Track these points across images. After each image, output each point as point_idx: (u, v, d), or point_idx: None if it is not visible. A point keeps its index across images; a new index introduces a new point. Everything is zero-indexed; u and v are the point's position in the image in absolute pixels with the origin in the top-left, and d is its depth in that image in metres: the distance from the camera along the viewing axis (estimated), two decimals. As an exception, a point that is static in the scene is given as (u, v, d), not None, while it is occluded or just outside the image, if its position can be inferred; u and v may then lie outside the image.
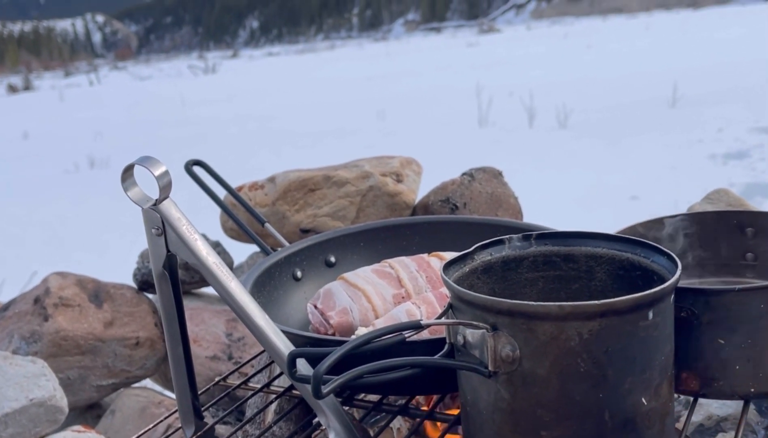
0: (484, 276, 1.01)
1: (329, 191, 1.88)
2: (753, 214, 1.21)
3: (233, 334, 2.03)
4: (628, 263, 0.98)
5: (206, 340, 1.99)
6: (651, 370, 0.85)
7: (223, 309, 2.08)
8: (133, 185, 0.98)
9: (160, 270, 1.00)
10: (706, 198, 1.53)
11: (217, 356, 1.98)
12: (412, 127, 8.89)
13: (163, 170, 0.95)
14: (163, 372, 2.10)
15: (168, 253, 0.99)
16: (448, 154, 6.77)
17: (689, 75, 10.27)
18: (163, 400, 1.97)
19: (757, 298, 0.96)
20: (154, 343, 1.98)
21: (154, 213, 0.97)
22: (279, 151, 8.06)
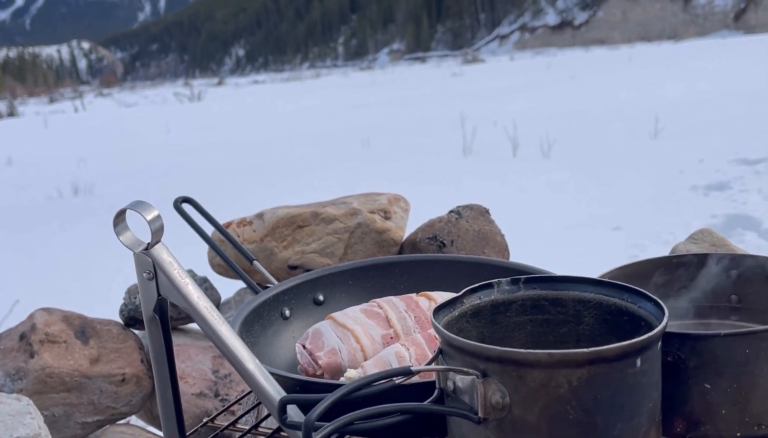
0: (473, 320, 1.02)
1: (317, 228, 1.89)
2: (738, 257, 1.23)
3: (220, 370, 2.02)
4: (615, 308, 0.99)
5: (192, 376, 1.98)
6: (639, 417, 0.86)
7: (210, 345, 2.07)
8: (125, 230, 0.98)
9: (150, 314, 1.01)
10: (690, 238, 1.55)
11: (204, 393, 1.98)
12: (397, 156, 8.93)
13: (155, 215, 0.96)
14: (149, 408, 2.08)
15: (159, 297, 0.99)
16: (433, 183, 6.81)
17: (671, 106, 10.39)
18: (149, 437, 1.96)
19: (742, 343, 0.97)
20: (141, 380, 1.97)
21: (146, 257, 0.97)
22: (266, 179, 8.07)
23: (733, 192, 6.17)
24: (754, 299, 1.21)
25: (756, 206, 5.72)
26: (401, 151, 9.24)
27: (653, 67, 16.59)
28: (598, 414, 0.84)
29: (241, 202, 2.60)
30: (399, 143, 9.92)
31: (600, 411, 0.84)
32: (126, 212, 0.97)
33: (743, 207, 5.74)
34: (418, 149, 9.30)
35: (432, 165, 8.20)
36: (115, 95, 22.22)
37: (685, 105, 10.59)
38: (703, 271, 1.24)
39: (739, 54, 18.30)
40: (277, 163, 9.21)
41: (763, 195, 6.00)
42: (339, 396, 0.83)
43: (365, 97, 15.83)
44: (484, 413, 0.85)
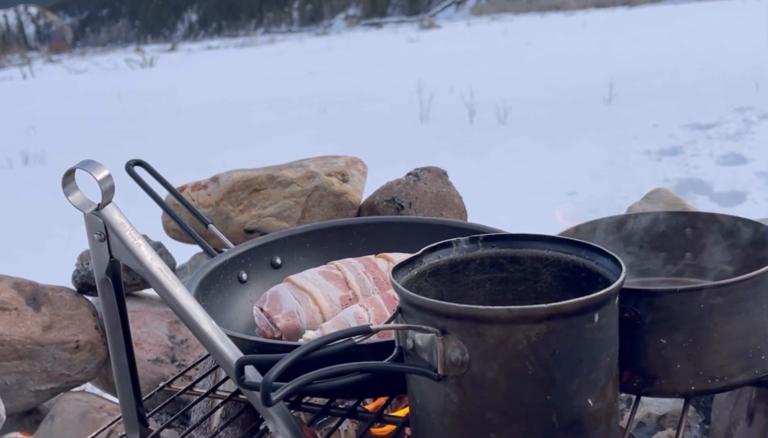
0: (432, 279, 1.02)
1: (274, 191, 1.86)
2: (692, 215, 1.25)
3: (176, 336, 2.00)
4: (573, 265, 1.00)
5: (148, 342, 1.96)
6: (597, 372, 0.87)
7: (166, 311, 2.05)
8: (75, 190, 0.95)
9: (103, 276, 0.98)
10: (645, 198, 1.56)
11: (160, 359, 1.95)
12: (354, 122, 8.88)
13: (105, 174, 0.93)
14: (104, 375, 2.06)
15: (111, 259, 0.97)
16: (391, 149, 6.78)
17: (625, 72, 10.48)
18: (105, 404, 1.93)
19: (697, 298, 0.98)
20: (95, 347, 1.94)
21: (97, 218, 0.95)
22: (220, 146, 7.97)
23: (685, 156, 6.27)
24: (709, 256, 1.22)
25: (707, 170, 5.82)
26: (358, 118, 9.19)
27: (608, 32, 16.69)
28: (557, 369, 0.84)
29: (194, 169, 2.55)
30: (356, 110, 9.86)
31: (558, 366, 0.84)
32: (75, 172, 0.94)
33: (695, 171, 5.84)
34: (375, 116, 9.26)
35: (389, 131, 8.17)
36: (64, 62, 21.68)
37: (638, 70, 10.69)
38: (659, 229, 1.25)
39: (691, 20, 18.50)
40: (232, 130, 9.10)
41: (714, 159, 6.11)
42: (297, 356, 0.82)
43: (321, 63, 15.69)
44: (444, 370, 0.85)
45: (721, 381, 1.01)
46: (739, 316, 0.99)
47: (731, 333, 0.99)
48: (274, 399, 0.79)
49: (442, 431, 0.89)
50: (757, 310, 1.00)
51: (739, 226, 1.18)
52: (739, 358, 1.01)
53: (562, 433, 0.86)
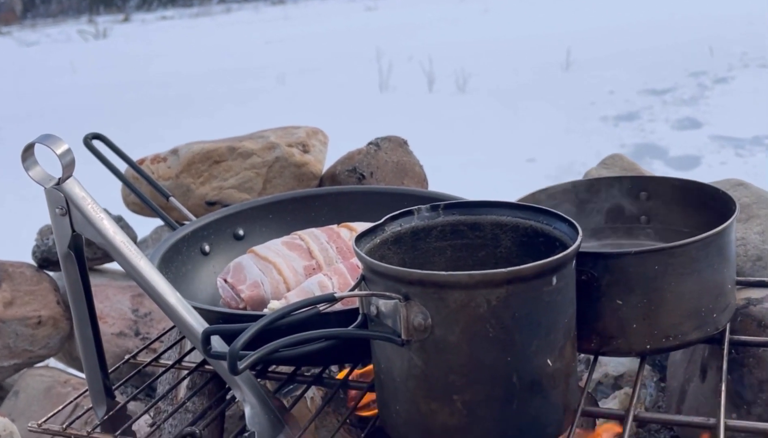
0: (394, 246, 1.03)
1: (234, 163, 1.86)
2: (646, 179, 1.28)
3: (139, 309, 1.99)
4: (531, 230, 1.02)
5: (112, 316, 1.95)
6: (555, 333, 0.89)
7: (128, 285, 2.04)
8: (34, 164, 0.95)
9: (65, 250, 0.98)
10: (602, 163, 1.59)
11: (124, 333, 1.95)
12: (313, 92, 8.82)
13: (65, 148, 0.93)
14: (68, 350, 2.05)
15: (73, 233, 0.97)
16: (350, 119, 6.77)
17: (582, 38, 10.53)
18: (69, 379, 1.93)
19: (651, 260, 1.01)
20: (57, 322, 1.93)
21: (58, 193, 0.95)
22: (177, 118, 7.87)
23: (641, 122, 6.34)
24: (663, 219, 1.26)
25: (663, 135, 5.90)
26: (317, 88, 9.13)
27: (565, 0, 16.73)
28: (516, 331, 0.86)
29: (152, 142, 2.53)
30: (315, 79, 9.79)
31: (518, 328, 0.86)
32: (35, 147, 0.94)
33: (651, 136, 5.91)
34: (334, 85, 9.21)
35: (349, 101, 8.14)
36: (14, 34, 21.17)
37: (595, 37, 10.75)
38: (614, 194, 1.28)
39: (647, -14, 18.62)
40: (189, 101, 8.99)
41: (669, 124, 6.19)
42: (263, 324, 0.83)
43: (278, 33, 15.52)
44: (407, 335, 0.87)
45: (675, 339, 1.05)
46: (691, 276, 1.02)
47: (684, 293, 1.02)
48: (240, 367, 0.80)
49: (406, 394, 0.91)
50: (708, 271, 1.04)
51: (692, 188, 1.22)
52: (691, 317, 1.04)
53: (523, 393, 0.88)
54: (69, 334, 1.96)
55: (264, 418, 1.00)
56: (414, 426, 0.93)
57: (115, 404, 1.10)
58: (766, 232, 1.35)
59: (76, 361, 2.06)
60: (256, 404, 1.00)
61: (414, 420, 0.92)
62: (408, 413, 0.92)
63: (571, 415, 0.95)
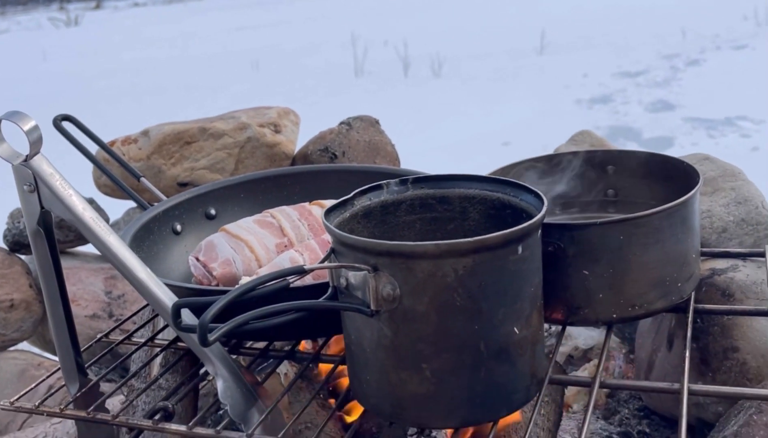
0: (364, 220, 1.04)
1: (206, 143, 1.86)
2: (613, 153, 1.29)
3: (113, 291, 1.99)
4: (498, 203, 1.03)
5: (84, 298, 1.95)
6: (522, 301, 0.91)
7: (101, 267, 2.03)
8: (1, 141, 0.95)
9: (34, 227, 0.98)
10: (571, 140, 1.61)
11: (97, 315, 1.95)
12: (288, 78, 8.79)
13: (32, 125, 0.93)
14: (41, 334, 2.04)
15: (42, 209, 0.97)
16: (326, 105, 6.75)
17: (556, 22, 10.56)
18: (43, 362, 1.92)
19: (616, 231, 1.03)
20: (30, 305, 1.92)
21: (26, 169, 0.95)
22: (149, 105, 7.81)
23: (615, 104, 6.38)
24: (629, 192, 1.28)
25: (637, 117, 5.95)
26: (292, 74, 9.09)
27: (539, -16, 16.76)
28: (483, 300, 0.88)
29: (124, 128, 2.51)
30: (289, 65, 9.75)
31: (485, 297, 0.88)
32: (1, 124, 0.94)
33: (625, 118, 5.96)
34: (309, 71, 9.17)
35: (324, 87, 8.11)
36: (-17, 21, 20.85)
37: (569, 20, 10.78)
38: (582, 168, 1.30)
39: (621, -30, 18.68)
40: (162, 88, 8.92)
41: (643, 106, 6.24)
42: (234, 296, 0.84)
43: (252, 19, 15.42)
44: (376, 306, 0.88)
45: (641, 308, 1.07)
46: (655, 246, 1.04)
47: (649, 263, 1.04)
48: (211, 339, 0.81)
49: (376, 364, 0.93)
50: (672, 241, 1.06)
51: (657, 161, 1.24)
52: (656, 286, 1.06)
53: (490, 360, 0.90)
54: (42, 317, 1.95)
55: (236, 392, 1.01)
56: (384, 395, 0.94)
57: (88, 381, 1.10)
58: (731, 205, 1.37)
59: (50, 344, 2.06)
60: (229, 378, 1.01)
61: (384, 389, 0.93)
62: (378, 383, 0.94)
63: (538, 382, 0.97)
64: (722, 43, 8.07)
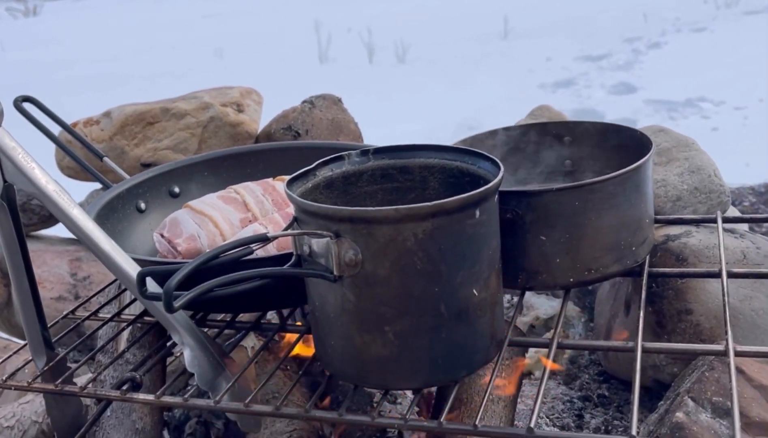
0: (326, 191, 1.06)
1: (168, 124, 1.86)
2: (569, 124, 1.32)
3: (78, 273, 1.99)
4: (457, 171, 1.06)
5: (50, 281, 1.94)
6: (480, 264, 0.93)
7: (66, 249, 2.03)
8: (-38, 115, 0.95)
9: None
10: (530, 114, 1.64)
11: (63, 297, 1.94)
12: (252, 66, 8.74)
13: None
14: (6, 317, 2.03)
15: (5, 183, 0.98)
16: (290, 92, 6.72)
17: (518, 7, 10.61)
18: (9, 345, 1.91)
19: (572, 197, 1.06)
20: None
21: (-13, 143, 0.95)
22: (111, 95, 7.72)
23: (578, 88, 6.45)
24: (585, 163, 1.31)
25: (600, 100, 6.02)
26: (256, 61, 9.04)
27: (502, -30, 16.81)
28: (443, 263, 0.90)
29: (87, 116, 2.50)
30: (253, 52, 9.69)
31: (444, 260, 0.90)
32: (-39, 98, 0.94)
33: (588, 101, 6.03)
34: (273, 58, 9.13)
35: (288, 74, 8.08)
36: (-61, 12, 20.40)
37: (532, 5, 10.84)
38: (539, 140, 1.33)
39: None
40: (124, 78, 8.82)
41: (605, 89, 6.31)
42: (198, 264, 0.85)
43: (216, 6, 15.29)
44: (339, 271, 0.90)
45: (597, 272, 1.10)
46: (609, 211, 1.07)
47: (603, 228, 1.07)
48: (176, 306, 0.82)
49: (340, 329, 0.95)
50: (626, 206, 1.09)
51: (611, 131, 1.27)
52: (611, 250, 1.09)
53: (451, 322, 0.92)
54: (7, 301, 1.95)
55: (204, 360, 1.02)
56: (349, 359, 0.96)
57: (55, 355, 1.11)
58: (684, 174, 1.41)
59: (16, 328, 2.05)
60: (195, 346, 1.02)
61: (349, 353, 0.95)
62: (343, 347, 0.96)
63: (498, 344, 0.99)
64: (682, 26, 8.17)
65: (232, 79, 7.91)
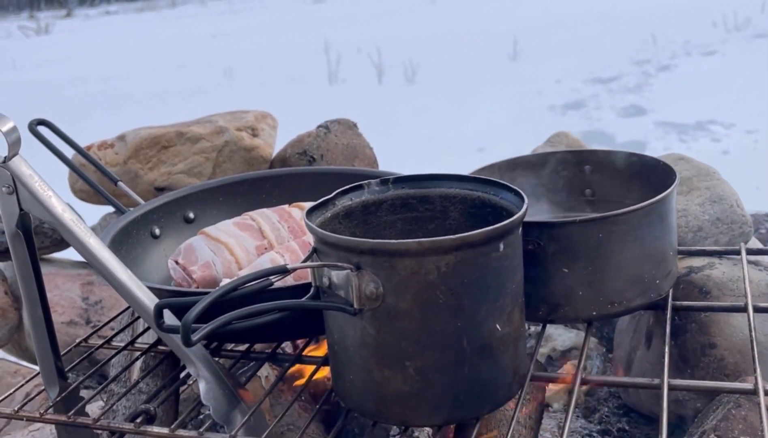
0: (345, 220, 1.05)
1: (183, 148, 1.85)
2: (590, 153, 1.31)
3: (89, 297, 1.97)
4: (479, 201, 1.04)
5: (61, 305, 1.93)
6: (504, 298, 0.91)
7: (78, 273, 2.01)
8: (-21, 143, 0.94)
9: (13, 230, 0.98)
10: (548, 141, 1.62)
11: (74, 321, 1.93)
12: (261, 85, 8.77)
13: (11, 126, 0.92)
14: (17, 341, 2.02)
15: (21, 212, 0.96)
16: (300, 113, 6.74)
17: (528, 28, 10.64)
18: (19, 369, 1.90)
19: (595, 228, 1.04)
20: (5, 312, 1.90)
21: (4, 171, 0.94)
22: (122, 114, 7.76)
23: (588, 110, 6.44)
24: (607, 191, 1.29)
25: (609, 122, 6.01)
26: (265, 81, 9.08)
27: (511, -9, 16.89)
28: (466, 297, 0.88)
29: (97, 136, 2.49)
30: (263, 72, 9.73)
31: (467, 294, 0.88)
32: (-22, 125, 0.93)
33: (598, 124, 6.01)
34: (282, 78, 9.16)
35: (298, 95, 8.10)
36: (-48, 30, 20.59)
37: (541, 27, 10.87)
38: (560, 168, 1.31)
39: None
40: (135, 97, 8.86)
41: (615, 111, 6.30)
42: (217, 296, 0.83)
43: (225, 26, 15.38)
44: (359, 304, 0.88)
45: (620, 306, 1.08)
46: (633, 244, 1.05)
47: (627, 260, 1.05)
48: (194, 339, 0.80)
49: (360, 363, 0.93)
50: (650, 238, 1.07)
51: (633, 161, 1.25)
52: (635, 283, 1.07)
53: (474, 357, 0.90)
54: (18, 324, 1.93)
55: (219, 393, 1.01)
56: (368, 394, 0.94)
57: (68, 385, 1.09)
58: (706, 204, 1.39)
59: (26, 352, 2.03)
60: (211, 379, 1.00)
61: (368, 388, 0.93)
62: (362, 382, 0.94)
63: (520, 379, 0.97)
64: (692, 49, 8.17)
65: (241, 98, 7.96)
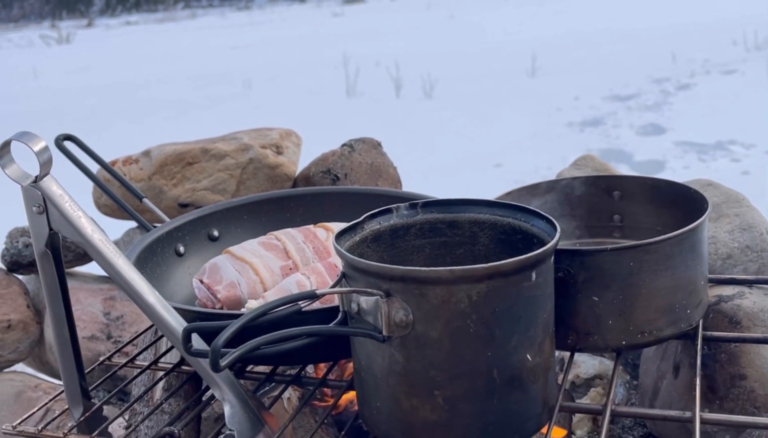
0: (373, 244, 1.04)
1: (208, 164, 1.85)
2: (619, 178, 1.29)
3: (111, 312, 1.97)
4: (509, 228, 1.03)
5: (83, 320, 1.93)
6: (535, 328, 0.90)
7: (99, 288, 2.02)
8: (11, 162, 0.94)
9: (42, 249, 0.97)
10: (574, 164, 1.61)
11: (96, 336, 1.93)
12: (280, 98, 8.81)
13: (42, 146, 0.92)
14: (38, 355, 2.02)
15: (50, 231, 0.96)
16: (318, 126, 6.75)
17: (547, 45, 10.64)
18: (40, 384, 1.90)
19: (627, 257, 1.03)
20: (27, 326, 1.90)
21: (35, 191, 0.94)
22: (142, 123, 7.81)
23: (606, 127, 6.42)
24: (635, 217, 1.28)
25: (628, 140, 5.98)
26: (284, 93, 9.11)
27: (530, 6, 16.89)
28: (497, 326, 0.87)
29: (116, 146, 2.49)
30: (282, 85, 9.77)
31: (498, 323, 0.87)
32: (11, 144, 0.93)
33: (616, 141, 5.99)
34: (301, 91, 9.19)
35: (317, 107, 8.13)
36: (-26, 38, 20.80)
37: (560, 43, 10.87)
38: (588, 193, 1.30)
39: (610, -6, 18.85)
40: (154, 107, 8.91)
41: (634, 129, 6.27)
42: (245, 322, 0.83)
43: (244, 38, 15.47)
44: (388, 331, 0.87)
45: (650, 335, 1.06)
46: (665, 273, 1.04)
47: (658, 289, 1.04)
48: (223, 364, 0.80)
49: (387, 391, 0.92)
50: (682, 267, 1.05)
51: (663, 187, 1.24)
52: (666, 313, 1.06)
53: (503, 387, 0.89)
54: (39, 338, 1.93)
55: (243, 417, 1.00)
56: (395, 422, 0.93)
57: (92, 405, 1.09)
58: (735, 231, 1.38)
59: (46, 366, 2.03)
60: (236, 403, 0.99)
61: (395, 416, 0.92)
62: (389, 410, 0.93)
63: (549, 410, 0.96)
64: (712, 68, 8.14)
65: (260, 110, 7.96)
